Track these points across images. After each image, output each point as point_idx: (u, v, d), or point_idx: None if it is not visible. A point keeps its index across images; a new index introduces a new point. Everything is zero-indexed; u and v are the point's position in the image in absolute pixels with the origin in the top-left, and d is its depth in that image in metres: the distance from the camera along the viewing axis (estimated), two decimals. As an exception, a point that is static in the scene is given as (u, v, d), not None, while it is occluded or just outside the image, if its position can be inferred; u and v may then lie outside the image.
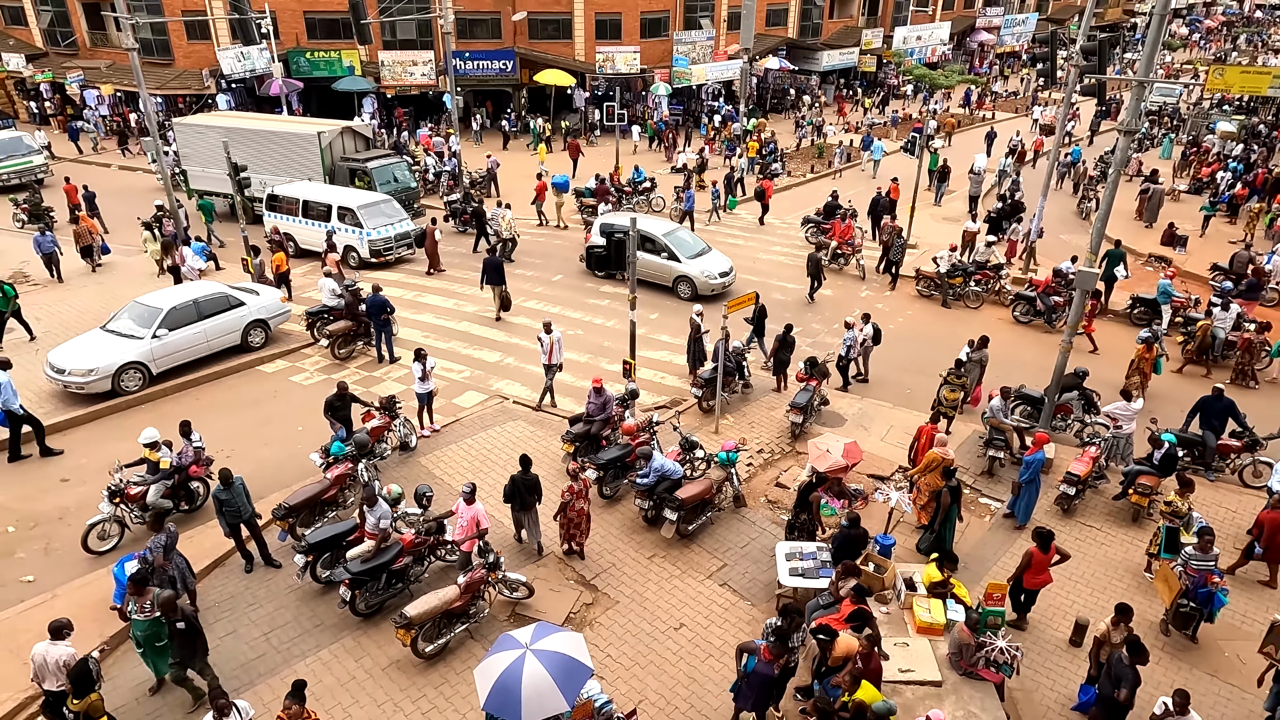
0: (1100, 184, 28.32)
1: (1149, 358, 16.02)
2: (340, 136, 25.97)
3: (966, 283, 21.16)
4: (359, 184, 24.83)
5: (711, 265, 21.17)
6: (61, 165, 33.09)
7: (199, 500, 12.66)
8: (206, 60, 36.79)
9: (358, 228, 22.56)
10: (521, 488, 11.45)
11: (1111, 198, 14.07)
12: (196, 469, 12.41)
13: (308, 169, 25.33)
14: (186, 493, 12.51)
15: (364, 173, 25.09)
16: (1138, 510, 12.76)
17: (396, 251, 23.25)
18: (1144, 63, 13.42)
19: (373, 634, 10.40)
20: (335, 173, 25.43)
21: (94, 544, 11.67)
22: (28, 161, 30.26)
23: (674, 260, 21.09)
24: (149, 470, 12.22)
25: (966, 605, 9.97)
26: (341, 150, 25.94)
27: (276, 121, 28.37)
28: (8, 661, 9.65)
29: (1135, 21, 77.05)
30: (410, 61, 37.53)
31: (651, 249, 21.10)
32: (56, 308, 19.65)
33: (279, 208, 23.71)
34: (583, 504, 11.54)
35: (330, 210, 22.76)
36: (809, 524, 11.77)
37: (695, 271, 20.83)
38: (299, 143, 25.47)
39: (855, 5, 52.56)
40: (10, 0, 40.51)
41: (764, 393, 16.61)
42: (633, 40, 40.48)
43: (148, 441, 12.12)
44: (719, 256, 21.77)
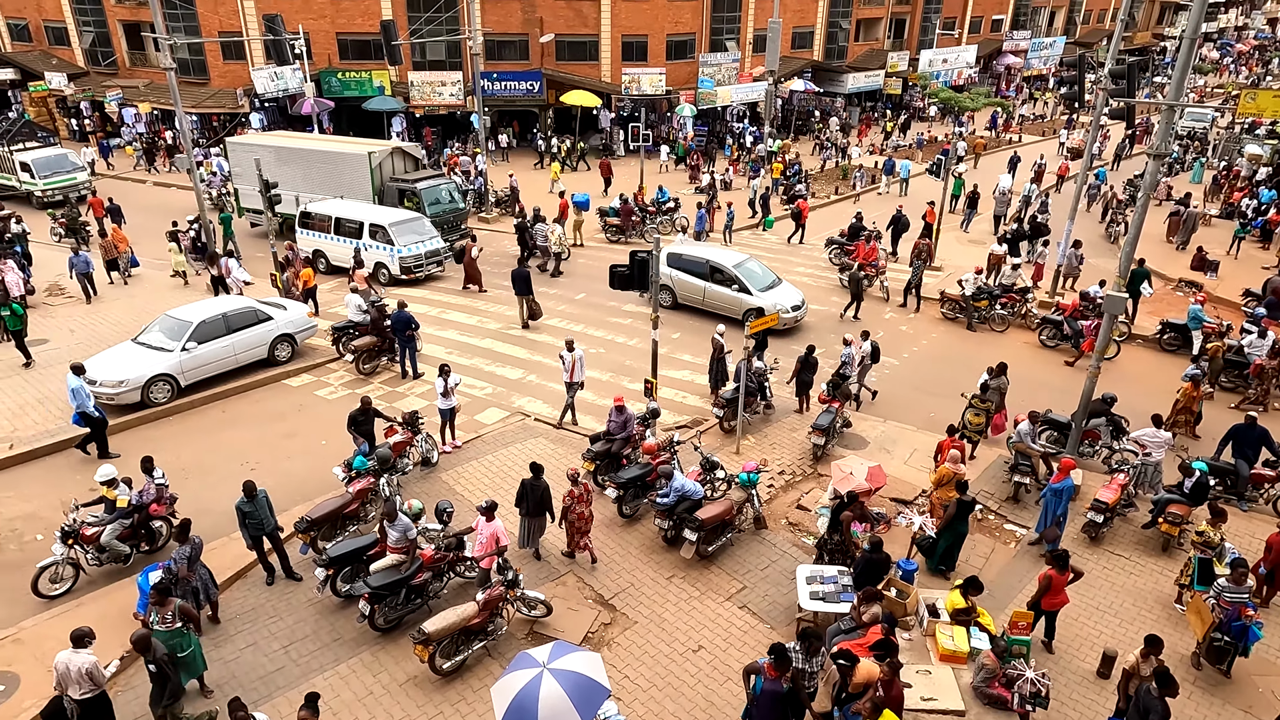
0: (1129, 208, 28.05)
1: (1197, 396, 15.45)
2: (390, 157, 25.85)
3: (992, 306, 20.98)
4: (408, 204, 24.75)
5: (784, 298, 20.30)
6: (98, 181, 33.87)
7: (160, 541, 11.98)
8: (241, 80, 37.60)
9: (389, 245, 22.77)
10: (530, 493, 11.68)
11: (1141, 221, 13.93)
12: (157, 508, 11.77)
13: (357, 189, 25.29)
14: (147, 533, 11.82)
15: (413, 193, 24.97)
16: (1168, 540, 12.50)
17: (427, 269, 23.45)
18: (1174, 87, 13.32)
19: (391, 649, 10.40)
20: (384, 193, 25.33)
21: (45, 588, 11.00)
22: (72, 178, 30.82)
23: (745, 293, 20.23)
24: (106, 509, 11.51)
25: (991, 633, 9.80)
26: (391, 170, 25.79)
27: (327, 141, 28.53)
28: (34, 668, 9.77)
29: (1165, 45, 76.56)
30: (439, 82, 38.09)
31: (721, 280, 20.57)
32: (89, 320, 20.04)
33: (311, 225, 24.05)
34: (583, 508, 11.72)
35: (362, 227, 23.03)
36: (841, 545, 11.59)
37: (768, 304, 19.73)
38: (349, 162, 25.41)
39: (881, 28, 52.71)
40: (55, 21, 41.71)
41: (786, 414, 16.52)
42: (658, 62, 40.82)
43: (104, 479, 11.50)
44: (790, 289, 20.94)
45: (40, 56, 42.45)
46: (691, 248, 21.46)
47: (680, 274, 21.30)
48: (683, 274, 21.28)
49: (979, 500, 13.67)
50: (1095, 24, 70.75)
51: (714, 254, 21.24)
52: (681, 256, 21.38)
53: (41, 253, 24.06)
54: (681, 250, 21.69)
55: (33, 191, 30.01)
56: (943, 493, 12.54)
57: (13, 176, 30.51)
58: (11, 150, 30.50)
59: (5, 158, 30.62)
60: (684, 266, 21.27)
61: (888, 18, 52.56)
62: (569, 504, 11.64)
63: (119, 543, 11.41)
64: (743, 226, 29.91)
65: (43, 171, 30.06)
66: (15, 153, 30.40)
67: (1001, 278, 22.29)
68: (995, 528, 13.12)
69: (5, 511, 12.89)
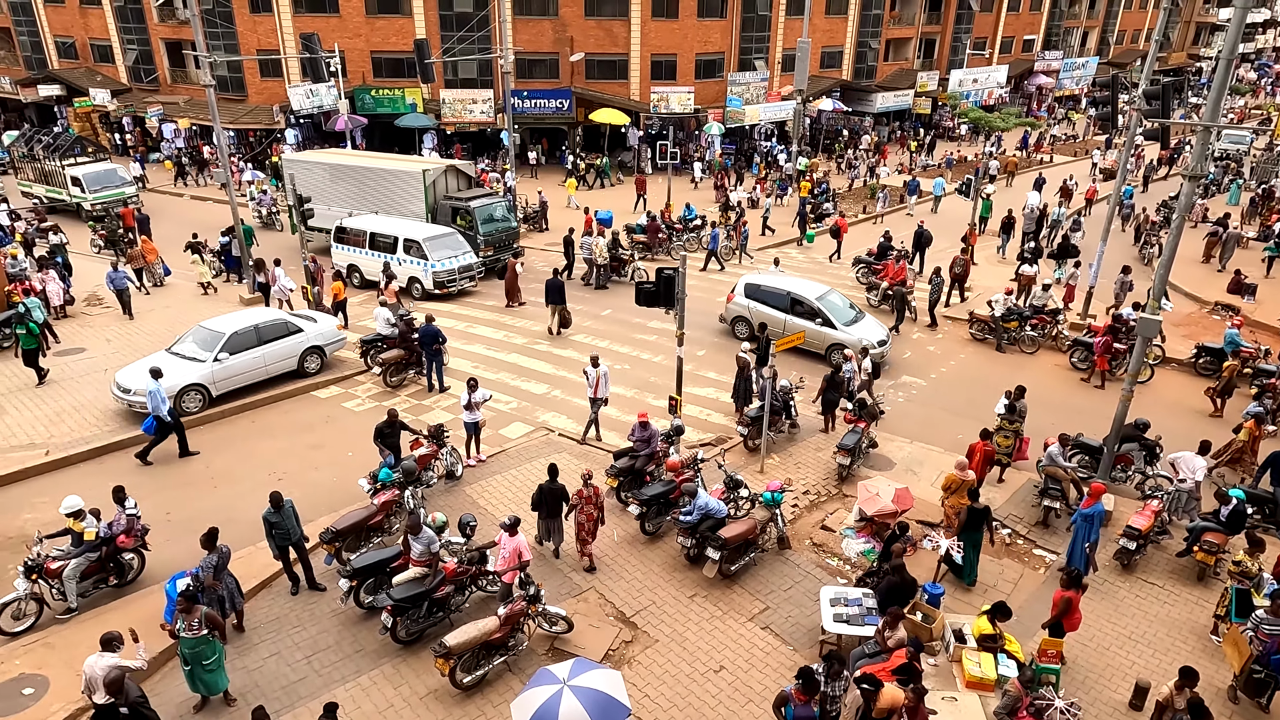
0: (1163, 230, 27.66)
1: (1259, 435, 14.81)
2: (444, 175, 25.91)
3: (1022, 327, 20.72)
4: (460, 222, 24.90)
5: (869, 332, 19.13)
6: (138, 194, 34.66)
7: (130, 574, 11.50)
8: (277, 96, 38.39)
9: (423, 260, 23.02)
10: (548, 497, 11.98)
11: (1175, 244, 13.71)
12: (126, 539, 11.25)
13: (410, 206, 25.43)
14: (116, 566, 11.34)
15: (466, 211, 24.95)
16: (1203, 569, 12.19)
17: (459, 283, 23.63)
18: (1210, 107, 13.14)
19: (412, 662, 10.42)
20: (438, 210, 25.39)
21: (6, 624, 10.54)
22: (121, 193, 31.43)
23: (829, 327, 19.15)
24: (73, 542, 11.03)
25: (1019, 661, 9.61)
26: (444, 188, 25.83)
27: (381, 159, 28.67)
28: (63, 672, 9.90)
29: (1200, 66, 75.63)
30: (470, 99, 38.61)
31: (803, 313, 19.55)
32: (125, 330, 20.46)
33: (346, 240, 24.39)
34: (591, 509, 11.95)
35: (396, 242, 23.31)
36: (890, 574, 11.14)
37: (854, 340, 18.53)
38: (403, 180, 25.53)
39: (911, 48, 52.63)
40: (100, 39, 42.93)
41: (811, 433, 16.41)
42: (687, 81, 41.07)
43: (70, 511, 11.00)
44: (874, 323, 19.91)
45: (86, 73, 43.68)
46: (771, 278, 20.68)
47: (759, 305, 20.27)
48: (762, 306, 20.23)
49: (1006, 524, 13.47)
50: (1129, 44, 70.08)
51: (796, 286, 20.24)
52: (761, 287, 20.45)
53: (81, 263, 24.63)
54: (761, 281, 20.75)
55: (82, 205, 30.69)
56: (955, 500, 12.42)
57: (64, 190, 31.25)
58: (63, 165, 31.25)
59: (57, 172, 31.40)
60: (763, 298, 20.27)
61: (917, 38, 52.48)
62: (577, 503, 11.99)
63: (74, 585, 10.84)
64: (781, 242, 29.96)
65: (93, 186, 30.77)
66: (67, 167, 31.13)
67: (1032, 299, 22.03)
68: (1024, 553, 12.89)
69: (40, 516, 13.11)
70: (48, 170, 31.92)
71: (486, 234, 24.91)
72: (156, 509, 13.42)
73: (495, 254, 25.10)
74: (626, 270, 24.93)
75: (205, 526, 10.63)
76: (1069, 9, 61.91)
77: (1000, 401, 14.89)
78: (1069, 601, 10.00)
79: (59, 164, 31.39)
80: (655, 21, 39.60)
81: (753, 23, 42.32)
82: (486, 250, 24.77)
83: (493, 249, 24.87)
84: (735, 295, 20.89)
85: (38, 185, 32.48)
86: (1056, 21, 60.79)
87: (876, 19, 48.71)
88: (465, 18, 37.31)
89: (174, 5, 39.94)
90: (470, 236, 24.60)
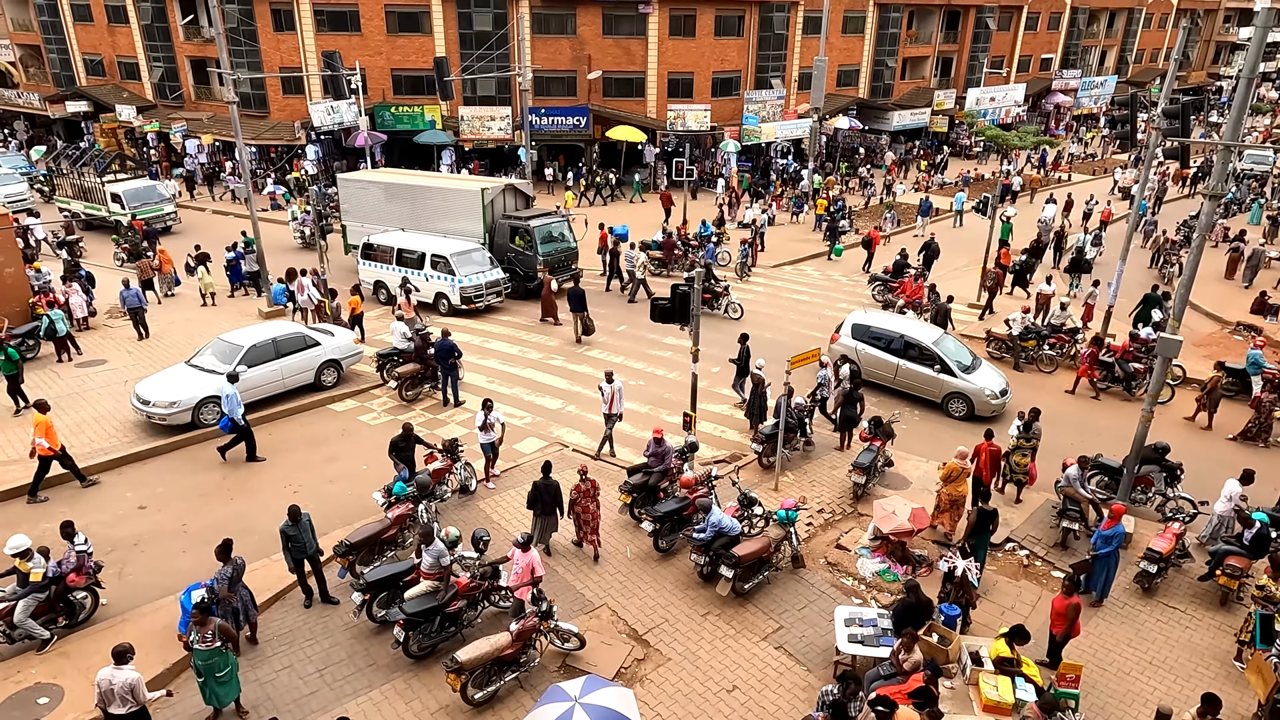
0: (1183, 249, 27.45)
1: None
2: (502, 194, 25.43)
3: (1040, 346, 20.56)
4: (519, 242, 24.53)
5: (991, 381, 17.92)
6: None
7: (82, 614, 10.97)
8: (299, 113, 38.91)
9: (450, 275, 23.01)
10: (543, 493, 12.30)
11: (1196, 263, 13.60)
12: (76, 578, 10.75)
13: (467, 225, 24.90)
14: (66, 605, 10.79)
15: (525, 231, 24.42)
16: (1226, 593, 11.99)
17: (486, 299, 23.50)
18: (1230, 127, 13.06)
19: (423, 677, 10.40)
20: (495, 230, 24.98)
21: None
22: (159, 209, 31.58)
23: (948, 374, 17.85)
24: (19, 582, 10.57)
25: (1037, 685, 9.46)
26: (503, 207, 25.42)
27: (438, 179, 28.49)
28: (78, 681, 9.96)
29: (1220, 85, 75.20)
30: (489, 116, 38.97)
31: (918, 358, 18.22)
32: (145, 342, 20.67)
33: (373, 256, 24.40)
34: (588, 502, 12.39)
35: (423, 258, 23.33)
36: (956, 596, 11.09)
37: (975, 389, 17.59)
38: (460, 199, 25.07)
39: (928, 66, 52.69)
40: (127, 56, 43.75)
41: (826, 451, 16.32)
42: (704, 98, 41.28)
43: (15, 551, 10.45)
44: (992, 370, 18.68)
45: (112, 90, 44.49)
46: (881, 319, 19.42)
47: (867, 348, 18.89)
48: (870, 348, 18.86)
49: (1024, 545, 13.31)
50: (1148, 63, 69.80)
51: (909, 328, 18.90)
52: (870, 329, 19.07)
53: (105, 276, 24.97)
54: (869, 322, 19.35)
55: (121, 221, 30.47)
56: (951, 489, 13.18)
57: (103, 207, 31.26)
58: (103, 181, 31.38)
59: (96, 188, 31.46)
60: (872, 340, 18.89)
61: (934, 56, 52.55)
62: (575, 497, 12.42)
63: (34, 623, 10.46)
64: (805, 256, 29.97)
65: (132, 202, 30.79)
66: (107, 184, 31.23)
67: (1050, 317, 21.87)
68: (1043, 574, 12.73)
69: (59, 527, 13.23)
70: (87, 187, 31.95)
71: (546, 254, 24.45)
72: (173, 520, 13.55)
73: (555, 275, 24.30)
74: (720, 304, 23.37)
75: (221, 538, 10.68)
76: (1087, 28, 61.82)
77: (1014, 423, 14.76)
78: (1078, 608, 10.11)
79: (98, 180, 31.44)
80: (672, 40, 39.90)
81: (769, 41, 42.54)
82: (543, 270, 24.06)
83: (551, 269, 24.19)
84: (841, 335, 19.47)
85: (76, 201, 32.48)
86: (1074, 40, 60.70)
87: (893, 38, 48.84)
88: (484, 36, 37.74)
89: (199, 24, 40.69)
90: (529, 257, 24.28)
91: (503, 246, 24.83)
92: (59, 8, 44.89)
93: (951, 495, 13.21)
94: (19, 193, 34.21)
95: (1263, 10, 13.14)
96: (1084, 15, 60.27)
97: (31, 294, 20.66)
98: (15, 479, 14.30)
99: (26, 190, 34.97)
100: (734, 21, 41.14)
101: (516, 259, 24.53)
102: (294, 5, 37.29)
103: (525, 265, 24.37)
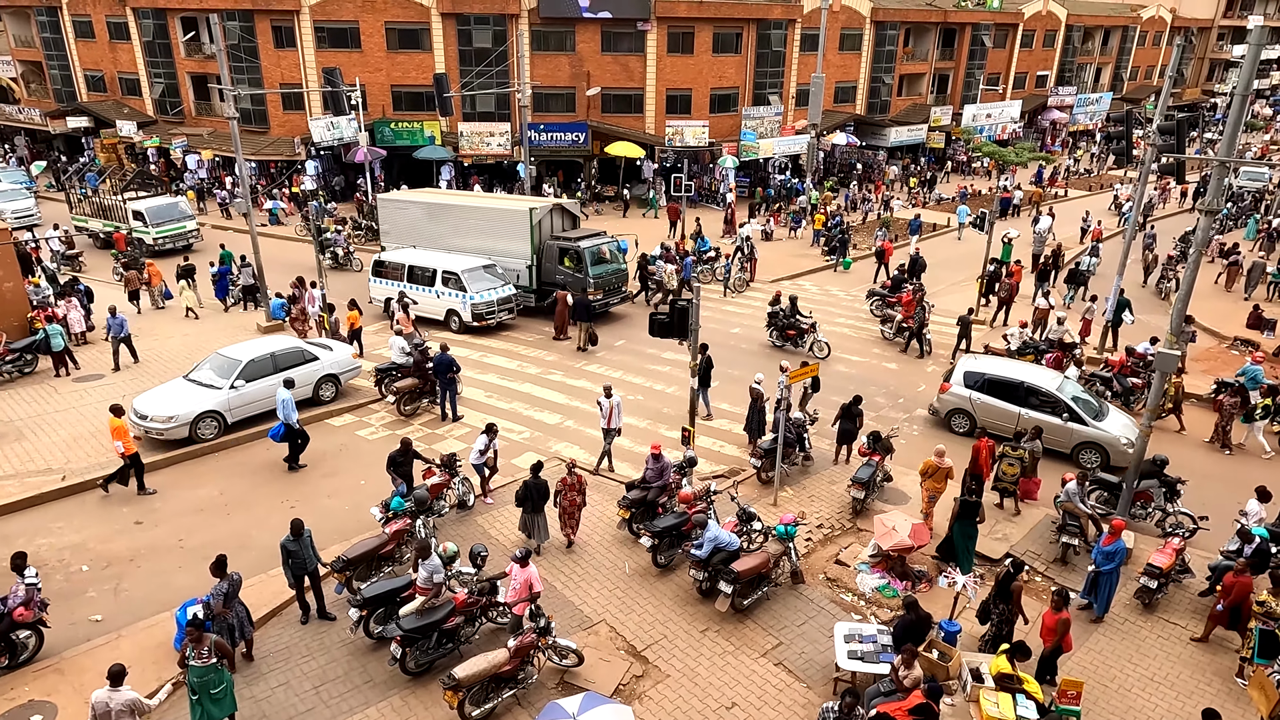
0: (1179, 264, 27.54)
1: None
2: (550, 214, 24.58)
3: (1038, 360, 20.55)
4: (568, 264, 23.76)
5: (1124, 428, 16.56)
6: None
7: (24, 654, 10.40)
8: (298, 129, 39.08)
9: (461, 292, 22.84)
10: (533, 491, 12.77)
11: (1193, 279, 13.64)
12: (24, 612, 10.24)
13: (513, 246, 24.21)
14: (7, 645, 10.22)
15: (576, 253, 23.58)
16: (1227, 609, 11.94)
17: (498, 315, 23.29)
18: (1225, 143, 13.14)
19: (420, 694, 10.32)
20: (543, 251, 24.21)
21: None
22: (182, 226, 31.17)
23: (1077, 423, 16.49)
24: None
25: (1038, 702, 9.40)
26: (550, 228, 24.62)
27: (483, 199, 27.86)
28: (73, 699, 9.87)
29: (1215, 101, 75.71)
30: (488, 132, 39.15)
31: (1042, 406, 16.83)
32: (144, 356, 20.62)
33: (384, 273, 24.24)
34: (574, 495, 13.01)
35: (435, 275, 23.19)
36: (1006, 615, 10.91)
37: (1109, 437, 16.29)
38: (507, 219, 24.39)
39: (924, 84, 53.05)
40: (128, 72, 43.99)
41: (825, 465, 16.30)
42: (702, 115, 41.52)
43: None
44: (1121, 415, 17.33)
45: (113, 105, 44.69)
46: (997, 364, 18.21)
47: (984, 397, 17.48)
48: (987, 397, 17.46)
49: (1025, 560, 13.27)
50: (1143, 80, 70.33)
51: (1028, 373, 17.60)
52: (985, 376, 17.61)
53: (103, 291, 24.97)
54: (985, 369, 17.87)
55: (144, 240, 29.98)
56: (930, 484, 13.92)
57: (123, 225, 30.46)
58: (125, 199, 30.75)
59: (116, 206, 30.83)
60: (989, 387, 17.46)
61: (931, 73, 52.92)
62: (560, 489, 12.92)
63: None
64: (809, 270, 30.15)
65: (155, 220, 30.29)
66: (129, 201, 30.64)
67: (1048, 332, 21.91)
68: (1043, 590, 12.68)
69: (55, 542, 13.20)
70: (106, 204, 31.27)
71: (597, 277, 23.65)
72: (169, 535, 13.50)
73: (604, 298, 23.81)
74: (805, 341, 22.01)
75: (217, 554, 10.63)
76: (1082, 46, 62.32)
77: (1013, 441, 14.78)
78: (1067, 622, 10.17)
79: (120, 198, 30.82)
80: (671, 57, 40.17)
81: (767, 58, 42.83)
82: (595, 294, 23.40)
83: (602, 293, 23.60)
84: (952, 384, 17.99)
85: (95, 220, 31.81)
86: (1070, 58, 61.17)
87: (890, 55, 49.19)
88: (484, 53, 37.98)
89: (200, 41, 40.94)
90: (580, 279, 23.44)
91: (551, 268, 24.16)
92: (61, 24, 45.16)
93: (930, 490, 13.97)
94: (26, 208, 33.99)
95: (1256, 28, 13.27)
96: (1079, 33, 60.79)
97: (30, 308, 20.66)
98: (9, 494, 14.26)
99: (34, 205, 34.77)
100: (732, 39, 41.45)
101: (566, 281, 23.68)
102: (295, 22, 37.55)
103: (576, 289, 23.38)
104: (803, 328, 22.02)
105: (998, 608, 11.01)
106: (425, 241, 25.76)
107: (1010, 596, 10.88)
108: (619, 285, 24.71)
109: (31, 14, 46.40)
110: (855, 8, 45.89)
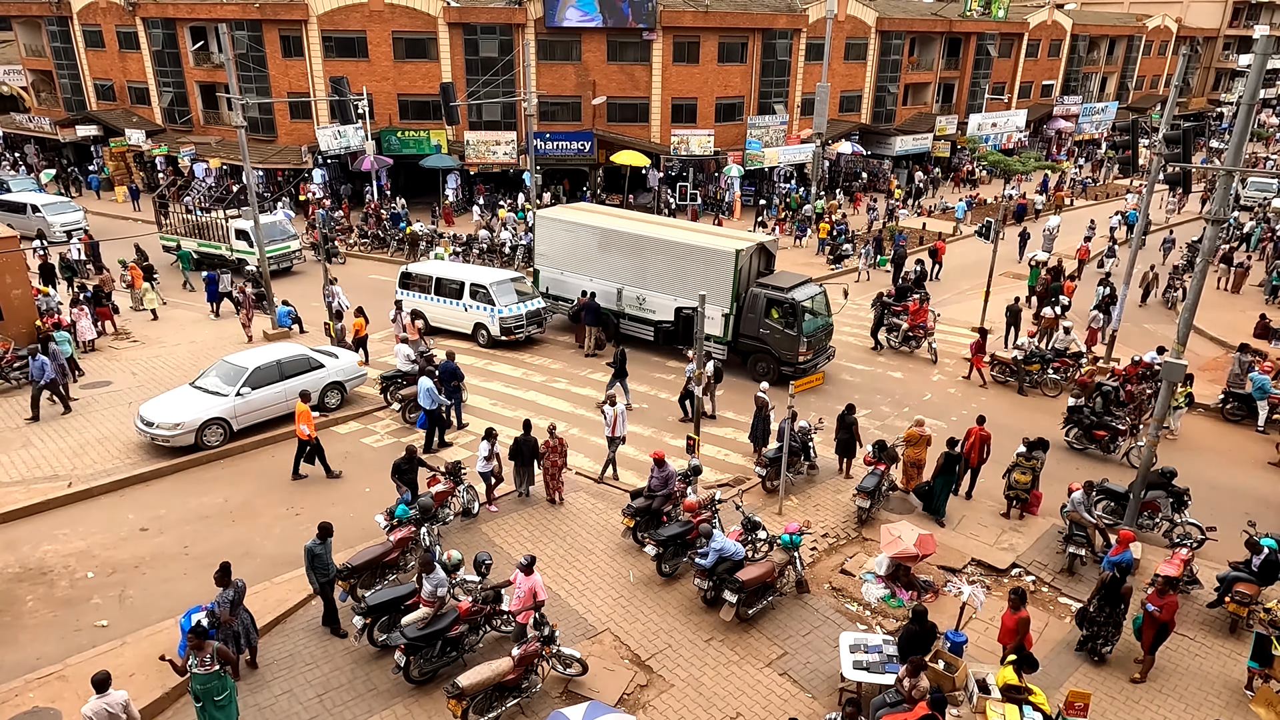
0: (1186, 274, 27.50)
1: None
2: (753, 256, 20.91)
3: (1044, 370, 20.53)
4: (775, 317, 19.79)
5: None
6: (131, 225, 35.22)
7: None
8: (306, 138, 39.28)
9: (489, 305, 22.29)
10: (524, 446, 14.24)
11: (1199, 288, 13.62)
12: None
13: (711, 290, 19.63)
14: None
15: (790, 306, 19.51)
16: (1235, 620, 11.87)
17: (527, 330, 22.76)
18: (1231, 153, 13.12)
19: (424, 702, 10.30)
20: (745, 300, 20.35)
21: None
22: (286, 246, 28.95)
23: None
24: None
25: (1045, 713, 9.34)
26: (751, 270, 20.90)
27: (674, 228, 23.55)
28: (76, 705, 9.86)
29: (1221, 111, 75.61)
30: (494, 141, 39.30)
31: None
32: (150, 364, 20.73)
33: (411, 284, 23.75)
34: (556, 457, 14.27)
35: (463, 288, 22.71)
36: (1114, 618, 10.90)
37: None
38: (706, 259, 20.52)
39: (929, 93, 53.10)
40: (137, 81, 44.29)
41: (830, 475, 16.25)
42: (707, 124, 41.61)
43: None
44: None
45: (123, 114, 44.97)
46: None
47: None
48: None
49: (1030, 570, 13.21)
50: (1148, 89, 70.28)
51: None
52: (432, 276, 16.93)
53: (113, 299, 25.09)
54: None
55: (245, 261, 27.22)
56: (911, 452, 15.03)
57: (223, 245, 28.36)
58: (228, 216, 28.64)
59: (214, 224, 28.76)
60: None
61: (936, 82, 52.97)
62: (543, 451, 14.18)
63: None
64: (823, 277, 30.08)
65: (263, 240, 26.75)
66: (231, 219, 28.47)
67: (1054, 342, 21.86)
68: (1049, 600, 12.61)
69: (60, 549, 13.23)
70: (202, 223, 29.21)
71: (809, 333, 19.76)
72: (175, 542, 13.52)
73: (813, 359, 20.03)
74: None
75: (221, 562, 10.63)
76: (1087, 55, 62.34)
77: (1019, 448, 14.71)
78: (1027, 621, 10.24)
79: (223, 215, 28.58)
80: (676, 66, 40.30)
81: (772, 68, 42.93)
82: (805, 354, 19.69)
83: (812, 352, 19.97)
84: None
85: (188, 240, 29.34)
86: (1075, 67, 61.18)
87: (895, 64, 49.25)
88: (490, 62, 38.16)
89: (209, 50, 41.21)
90: (790, 337, 19.61)
91: (754, 320, 20.13)
92: (71, 34, 45.52)
93: (911, 458, 14.97)
94: (76, 220, 33.42)
95: (1262, 37, 13.27)
96: (1084, 42, 60.82)
97: (38, 315, 20.77)
98: (15, 500, 14.31)
99: (82, 219, 33.86)
100: (737, 48, 41.58)
101: (771, 337, 19.93)
102: (303, 32, 37.80)
103: (783, 347, 19.77)
104: None
105: (1103, 612, 10.97)
106: (595, 274, 22.68)
107: (1122, 600, 10.90)
108: (827, 340, 21.00)
109: (42, 24, 46.76)
110: (860, 17, 46.00)
